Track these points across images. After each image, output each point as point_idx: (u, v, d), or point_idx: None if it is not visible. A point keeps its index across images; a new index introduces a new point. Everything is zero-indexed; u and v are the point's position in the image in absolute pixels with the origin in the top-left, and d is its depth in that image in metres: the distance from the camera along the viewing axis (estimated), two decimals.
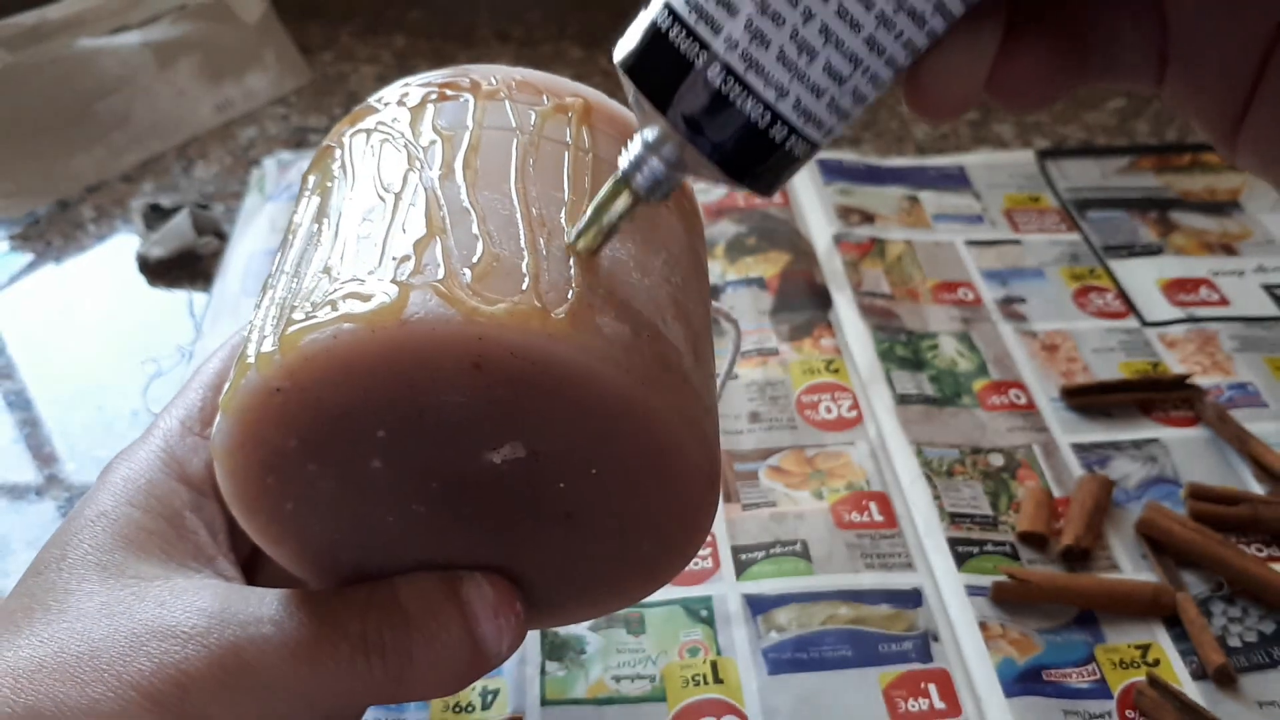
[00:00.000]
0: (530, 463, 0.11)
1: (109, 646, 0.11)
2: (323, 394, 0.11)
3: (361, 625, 0.12)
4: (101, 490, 0.13)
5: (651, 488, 0.12)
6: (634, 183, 0.11)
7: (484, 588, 0.12)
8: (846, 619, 0.23)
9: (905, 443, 0.27)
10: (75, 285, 0.35)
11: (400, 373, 0.11)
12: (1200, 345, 0.31)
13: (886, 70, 0.10)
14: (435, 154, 0.12)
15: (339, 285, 0.11)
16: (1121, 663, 0.23)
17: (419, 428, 0.11)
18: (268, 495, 0.12)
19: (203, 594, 0.12)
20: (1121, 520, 0.26)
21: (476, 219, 0.12)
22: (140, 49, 0.40)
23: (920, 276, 0.33)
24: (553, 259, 0.12)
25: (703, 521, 0.13)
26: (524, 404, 0.11)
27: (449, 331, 0.11)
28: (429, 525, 0.12)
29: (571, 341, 0.11)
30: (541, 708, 0.22)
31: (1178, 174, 0.38)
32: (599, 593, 0.14)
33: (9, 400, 0.31)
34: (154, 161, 0.40)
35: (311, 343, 0.11)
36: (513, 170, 0.12)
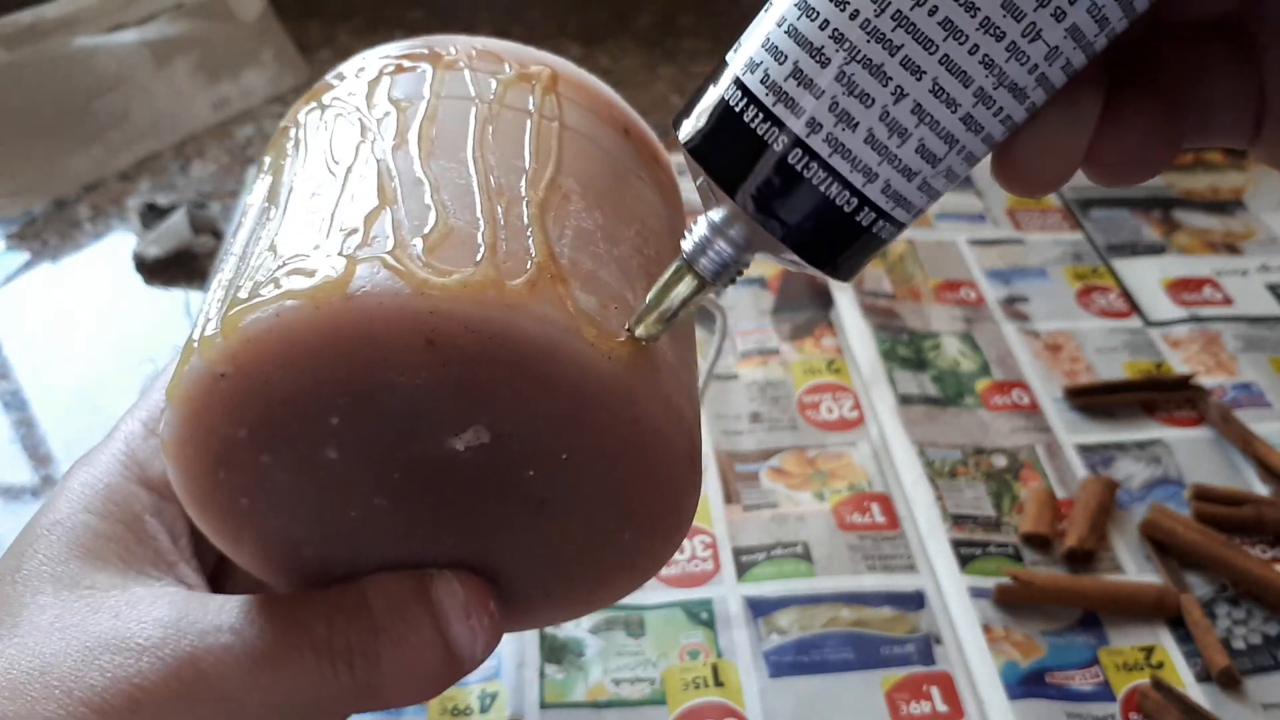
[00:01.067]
0: (496, 448, 0.11)
1: (60, 662, 0.11)
2: (269, 377, 0.10)
3: (326, 629, 0.11)
4: (59, 497, 0.13)
5: (627, 471, 0.11)
6: (698, 266, 0.11)
7: (454, 586, 0.12)
8: (848, 621, 0.23)
9: (907, 443, 0.27)
10: (72, 284, 0.35)
11: (349, 352, 0.10)
12: (1204, 345, 0.31)
13: (982, 148, 0.10)
14: (389, 125, 0.12)
15: (283, 262, 0.10)
16: (1125, 665, 0.23)
17: (374, 412, 0.10)
18: (221, 490, 0.11)
19: (159, 603, 0.12)
20: (1125, 521, 0.26)
21: (430, 188, 0.11)
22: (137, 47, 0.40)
23: (922, 276, 0.33)
24: (511, 228, 0.11)
25: (684, 506, 0.12)
26: (484, 383, 0.10)
27: (398, 305, 0.10)
28: (394, 519, 0.11)
29: (530, 313, 0.10)
30: (540, 711, 0.22)
31: (1181, 173, 0.38)
32: (581, 588, 0.13)
33: (4, 400, 0.31)
34: (151, 160, 0.40)
35: (253, 323, 0.10)
36: (470, 139, 0.11)
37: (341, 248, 0.10)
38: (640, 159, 0.14)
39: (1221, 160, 0.38)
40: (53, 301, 0.34)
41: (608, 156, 0.13)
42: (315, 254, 0.10)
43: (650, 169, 0.14)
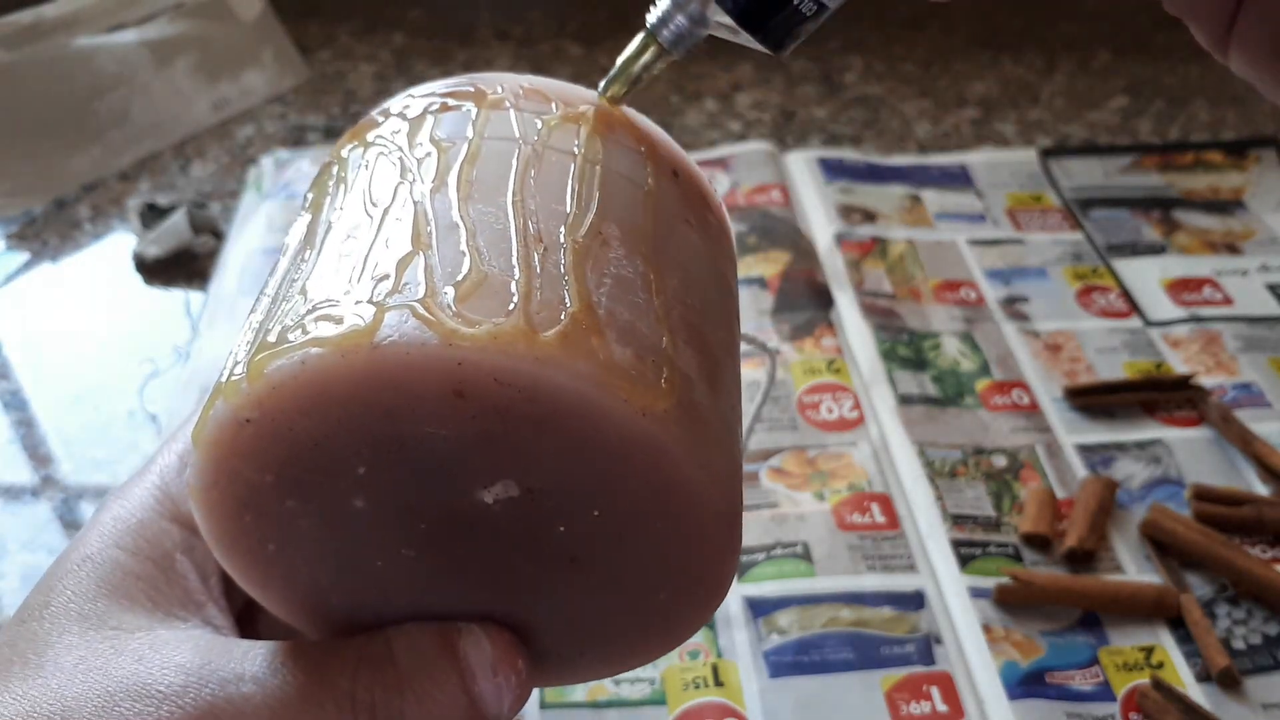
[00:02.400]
0: (525, 503, 0.11)
1: (80, 706, 0.11)
2: (294, 424, 0.10)
3: (351, 683, 0.11)
4: (91, 531, 0.13)
5: (661, 531, 0.11)
6: (660, 36, 0.13)
7: (483, 642, 0.12)
8: (848, 621, 0.23)
9: (907, 443, 0.27)
10: (72, 284, 0.35)
11: (375, 402, 0.10)
12: (1204, 345, 0.31)
13: None
14: (429, 166, 0.12)
15: (313, 306, 0.11)
16: (1125, 665, 0.23)
17: (401, 463, 0.10)
18: (247, 535, 0.11)
19: (183, 648, 0.12)
20: (1125, 521, 0.26)
21: (465, 234, 0.11)
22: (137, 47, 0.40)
23: (922, 276, 0.33)
24: (547, 276, 0.11)
25: (723, 570, 0.12)
26: (514, 437, 0.10)
27: (425, 356, 0.10)
28: (421, 570, 0.11)
29: (562, 366, 0.10)
30: (540, 711, 0.22)
31: (1181, 173, 0.38)
32: (615, 649, 0.13)
33: (4, 400, 0.31)
34: (151, 160, 0.40)
35: (278, 369, 0.10)
36: (511, 182, 0.12)
37: (372, 294, 0.10)
38: (688, 203, 0.14)
39: (1222, 160, 0.38)
40: (53, 301, 0.34)
41: (653, 201, 0.13)
42: (345, 300, 0.10)
43: (699, 212, 0.14)
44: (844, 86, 0.43)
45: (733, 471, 0.12)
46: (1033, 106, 0.42)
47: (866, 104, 0.43)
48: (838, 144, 0.40)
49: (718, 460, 0.11)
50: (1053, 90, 0.43)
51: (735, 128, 0.41)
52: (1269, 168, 0.38)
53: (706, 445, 0.11)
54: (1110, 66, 0.45)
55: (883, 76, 0.44)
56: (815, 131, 0.41)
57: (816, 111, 0.42)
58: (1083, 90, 0.43)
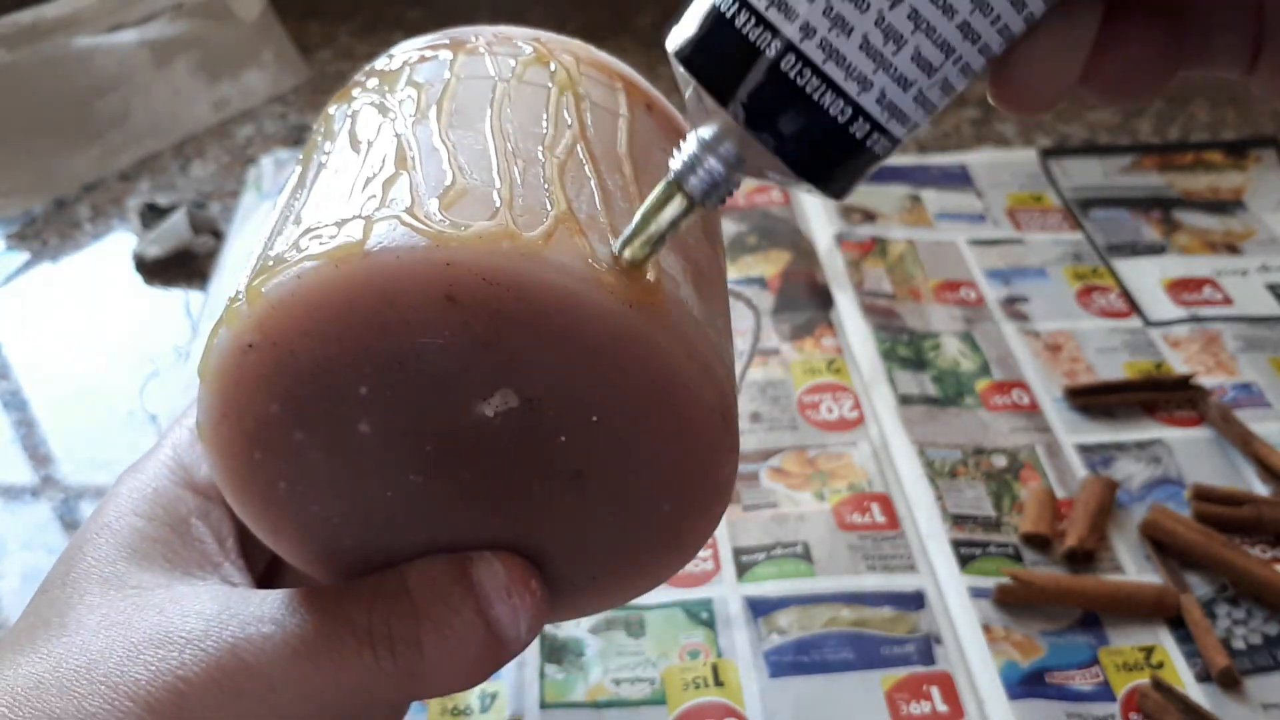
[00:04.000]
0: (525, 413, 0.11)
1: (105, 658, 0.11)
2: (295, 346, 0.10)
3: (367, 617, 0.11)
4: (108, 503, 0.13)
5: (659, 432, 0.11)
6: (687, 185, 0.10)
7: (496, 566, 0.12)
8: (848, 621, 0.23)
9: (907, 443, 0.27)
10: (71, 284, 0.35)
11: (371, 314, 0.10)
12: (1204, 345, 0.31)
13: (979, 59, 0.09)
14: (409, 105, 0.12)
15: (306, 230, 0.11)
16: (1125, 665, 0.23)
17: (402, 380, 0.10)
18: (258, 473, 0.11)
19: (202, 598, 0.12)
20: (1125, 521, 0.26)
21: (447, 154, 0.11)
22: (137, 47, 0.40)
23: (922, 276, 0.33)
24: (529, 186, 0.11)
25: (721, 472, 0.12)
26: (507, 341, 0.10)
27: (415, 259, 0.10)
28: (430, 498, 0.11)
29: (548, 262, 0.10)
30: (540, 710, 0.22)
31: (1181, 173, 0.38)
32: (627, 570, 0.13)
33: (4, 400, 0.31)
34: (151, 160, 0.40)
35: (276, 288, 0.10)
36: (489, 110, 0.12)
37: (360, 211, 0.10)
38: (664, 134, 0.13)
39: (1222, 160, 0.38)
40: (53, 301, 0.34)
41: (629, 127, 0.13)
42: (336, 220, 0.11)
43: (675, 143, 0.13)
44: None
45: (724, 371, 0.11)
46: None
47: None
48: None
49: (707, 356, 0.11)
50: None
51: None
52: (1269, 168, 0.38)
53: (695, 341, 0.11)
54: None
55: None
56: None
57: None
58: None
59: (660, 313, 0.11)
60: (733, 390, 0.12)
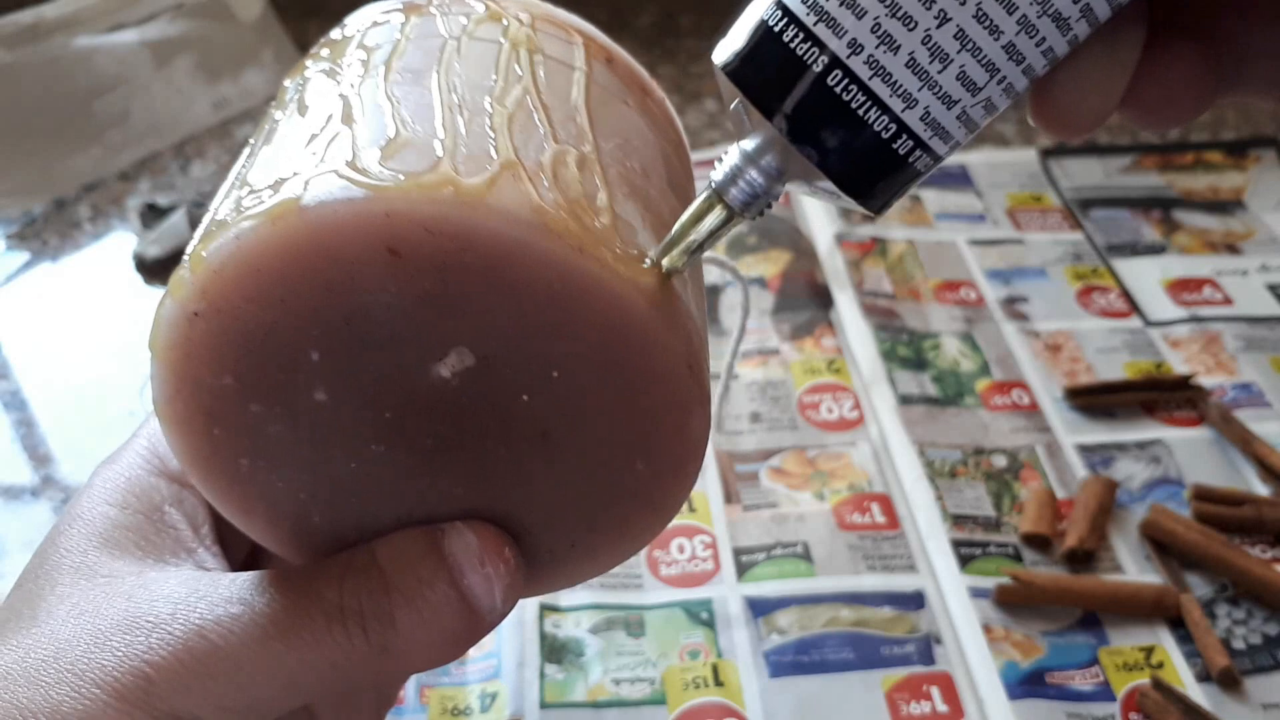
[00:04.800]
0: (484, 373, 0.10)
1: (73, 646, 0.11)
2: (241, 311, 0.10)
3: (338, 593, 0.11)
4: (82, 493, 0.13)
5: (621, 385, 0.10)
6: (728, 196, 0.10)
7: (467, 537, 0.11)
8: (848, 621, 0.23)
9: (907, 443, 0.27)
10: (71, 284, 0.35)
11: (313, 273, 0.10)
12: (1204, 345, 0.31)
13: (1022, 80, 0.09)
14: (357, 68, 0.11)
15: (249, 192, 0.10)
16: (1125, 665, 0.23)
17: (352, 342, 0.10)
18: (218, 451, 0.11)
19: (170, 583, 0.11)
20: (1125, 521, 0.26)
21: (390, 110, 0.11)
22: (138, 47, 0.40)
23: (922, 276, 0.33)
24: (473, 136, 0.10)
25: (691, 425, 0.11)
26: (455, 295, 0.10)
27: (353, 211, 0.09)
28: (396, 469, 0.11)
29: (490, 208, 0.10)
30: (540, 710, 0.22)
31: (1181, 173, 0.38)
32: (605, 535, 0.12)
33: (4, 400, 0.31)
34: (151, 160, 0.40)
35: (216, 251, 0.10)
36: (437, 66, 0.11)
37: (300, 170, 0.10)
38: (627, 87, 0.13)
39: (1222, 160, 0.38)
40: (53, 301, 0.34)
41: (585, 79, 0.12)
42: (276, 180, 0.10)
43: (637, 96, 0.13)
44: None
45: (686, 317, 0.11)
46: None
47: None
48: None
49: (670, 304, 0.11)
50: None
51: None
52: (1269, 168, 0.38)
53: (652, 286, 0.10)
54: None
55: None
56: None
57: None
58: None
59: (611, 258, 0.10)
60: (699, 337, 0.11)
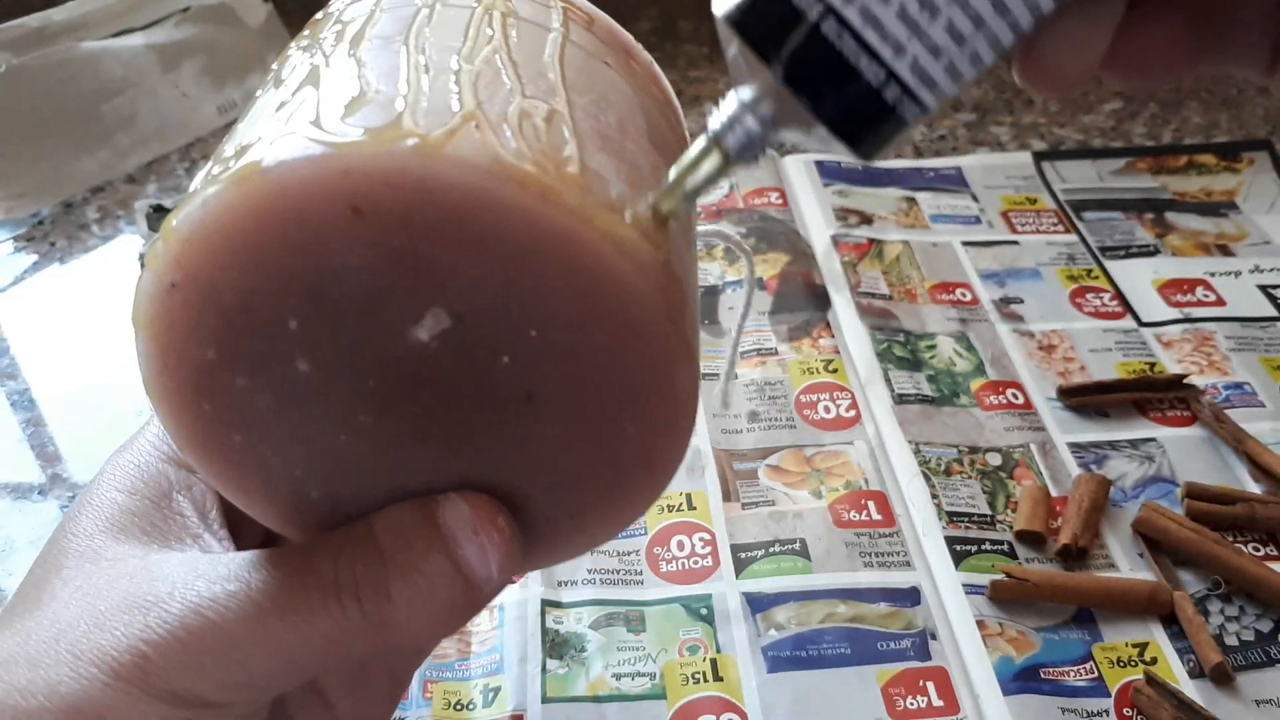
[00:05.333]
0: (461, 334, 0.10)
1: (73, 628, 0.11)
2: (216, 279, 0.10)
3: (333, 567, 0.11)
4: (94, 481, 0.13)
5: (600, 340, 0.10)
6: (725, 143, 0.11)
7: (461, 507, 0.11)
8: (845, 617, 0.24)
9: (903, 442, 0.28)
10: (79, 286, 0.35)
11: (280, 233, 0.10)
12: (1197, 345, 0.31)
13: (1008, 34, 0.10)
14: (330, 39, 0.12)
15: (215, 163, 0.10)
16: (1119, 661, 0.23)
17: (328, 308, 0.10)
18: (210, 428, 0.11)
19: (171, 564, 0.12)
20: (1119, 519, 0.26)
21: (355, 71, 0.11)
22: (144, 51, 0.40)
23: (918, 277, 0.34)
24: (436, 92, 0.10)
25: (677, 381, 0.11)
26: (424, 252, 0.10)
27: (313, 170, 0.09)
28: (386, 439, 0.11)
29: (450, 159, 0.09)
30: (542, 705, 0.22)
31: (1174, 175, 0.38)
32: (602, 502, 0.12)
33: (13, 400, 0.31)
34: (158, 163, 0.40)
35: (185, 219, 0.10)
36: (408, 32, 0.11)
37: (265, 134, 0.10)
38: (607, 48, 0.13)
39: (1215, 163, 0.39)
40: (60, 302, 0.34)
41: (561, 39, 0.12)
42: (243, 147, 0.10)
43: (619, 57, 0.13)
44: None
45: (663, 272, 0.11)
46: (1027, 110, 0.43)
47: None
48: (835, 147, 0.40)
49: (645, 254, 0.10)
50: None
51: None
52: (1261, 170, 0.38)
53: (629, 237, 0.10)
54: None
55: None
56: None
57: None
58: (1076, 94, 0.44)
59: (580, 208, 0.10)
60: (679, 289, 0.11)
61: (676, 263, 0.11)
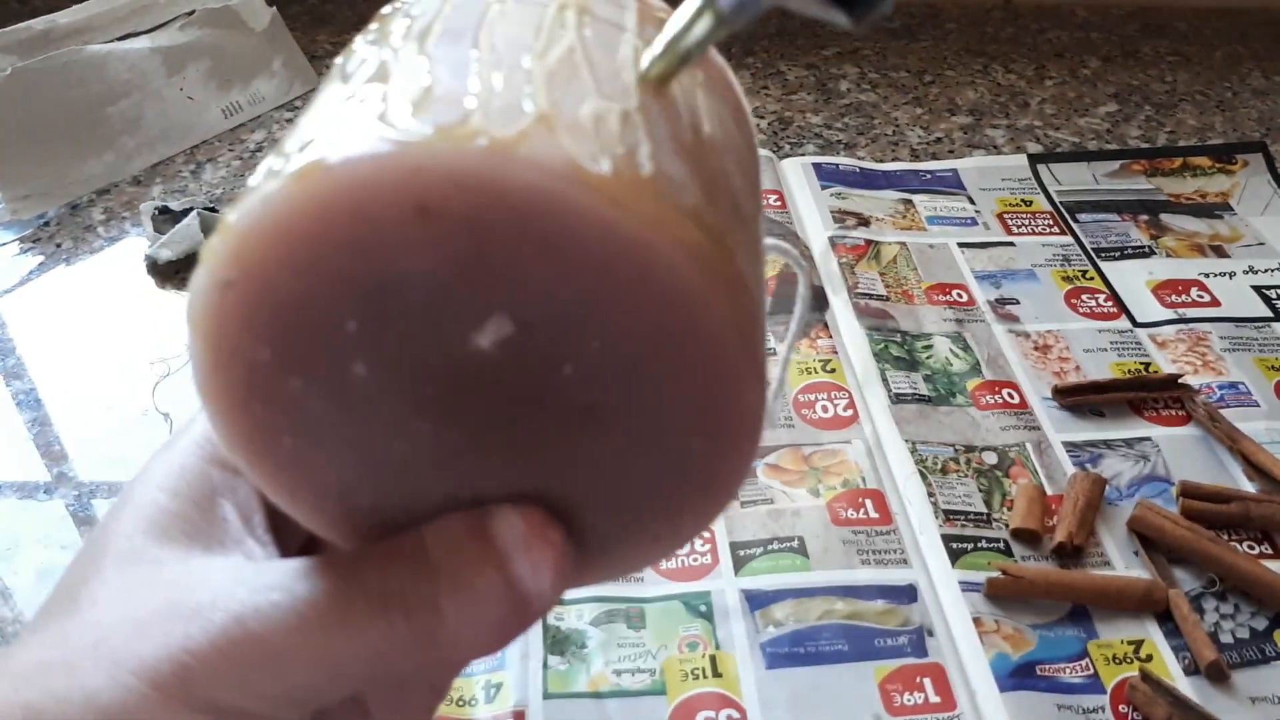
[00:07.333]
0: (523, 341, 0.10)
1: (113, 634, 0.11)
2: (273, 277, 0.10)
3: (381, 579, 0.11)
4: (136, 480, 0.13)
5: (666, 353, 0.10)
6: (719, 2, 0.10)
7: (513, 519, 0.11)
8: (843, 614, 0.24)
9: (900, 441, 0.28)
10: (85, 287, 0.35)
11: (342, 232, 0.09)
12: (1191, 345, 0.31)
13: None
14: (398, 34, 0.11)
15: (277, 157, 0.10)
16: (1114, 658, 0.23)
17: (388, 310, 0.10)
18: (261, 430, 0.11)
19: (214, 571, 0.11)
20: (1113, 517, 0.26)
21: (425, 67, 0.10)
22: (150, 54, 0.41)
23: (915, 278, 0.34)
24: (509, 89, 0.10)
25: (744, 397, 0.10)
26: (490, 256, 0.09)
27: (379, 167, 0.09)
28: (441, 448, 0.11)
29: (522, 160, 0.09)
30: (544, 701, 0.22)
31: (1168, 177, 0.38)
32: (659, 518, 0.12)
33: (19, 400, 0.31)
34: (163, 165, 0.40)
35: (244, 215, 0.10)
36: (479, 27, 0.11)
37: (331, 129, 0.10)
38: None
39: (1209, 165, 0.39)
40: (66, 304, 0.35)
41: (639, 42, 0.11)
42: (305, 141, 0.10)
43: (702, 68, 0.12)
44: (838, 94, 0.44)
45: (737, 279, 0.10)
46: (1023, 113, 0.43)
47: (860, 111, 0.43)
48: (832, 150, 0.41)
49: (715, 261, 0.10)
50: (1042, 97, 0.44)
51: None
52: (1256, 172, 0.38)
53: (702, 243, 0.10)
54: (1099, 74, 0.46)
55: (876, 84, 0.45)
56: (810, 138, 0.42)
57: (811, 118, 0.43)
58: (1072, 97, 0.44)
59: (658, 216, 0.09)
60: (750, 301, 0.10)
61: (748, 272, 0.11)
